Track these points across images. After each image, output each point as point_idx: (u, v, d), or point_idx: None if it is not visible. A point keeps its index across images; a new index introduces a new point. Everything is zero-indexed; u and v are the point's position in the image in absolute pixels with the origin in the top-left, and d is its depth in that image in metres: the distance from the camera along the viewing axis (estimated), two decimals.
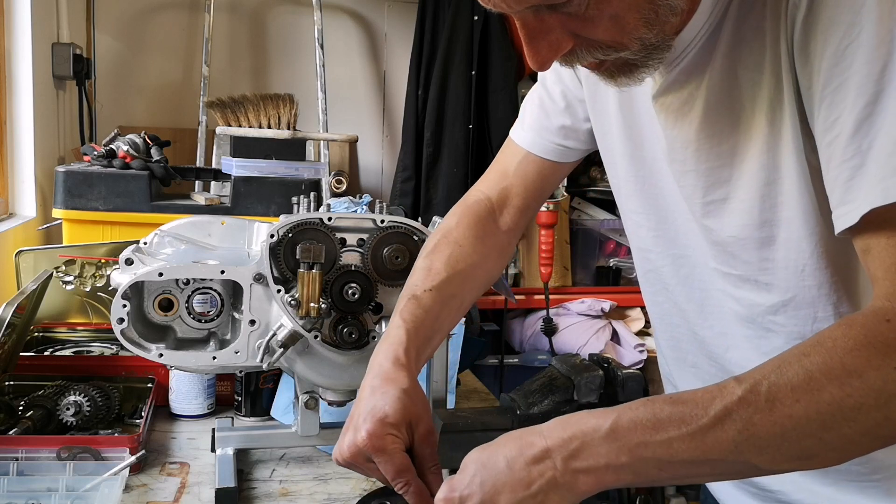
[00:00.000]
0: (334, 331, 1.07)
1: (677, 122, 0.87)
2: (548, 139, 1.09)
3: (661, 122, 0.89)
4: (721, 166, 0.85)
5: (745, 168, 0.83)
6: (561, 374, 1.15)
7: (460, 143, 2.81)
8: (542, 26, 0.74)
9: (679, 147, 0.88)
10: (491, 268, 1.08)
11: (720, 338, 0.95)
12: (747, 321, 0.90)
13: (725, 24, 0.81)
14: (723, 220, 0.87)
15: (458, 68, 2.80)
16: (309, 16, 2.86)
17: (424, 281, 0.99)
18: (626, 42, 0.75)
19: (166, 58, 3.03)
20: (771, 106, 0.79)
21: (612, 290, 2.98)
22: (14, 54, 2.17)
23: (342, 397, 1.16)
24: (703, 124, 0.85)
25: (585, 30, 0.74)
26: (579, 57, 0.77)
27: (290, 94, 2.04)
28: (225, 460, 1.17)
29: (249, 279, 1.07)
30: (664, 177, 0.93)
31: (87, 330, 1.62)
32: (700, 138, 0.86)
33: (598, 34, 0.74)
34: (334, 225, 1.06)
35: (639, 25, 0.74)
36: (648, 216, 0.99)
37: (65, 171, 1.81)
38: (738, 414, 0.67)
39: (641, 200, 0.99)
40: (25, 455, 1.10)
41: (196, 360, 1.09)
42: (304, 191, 1.83)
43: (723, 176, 0.85)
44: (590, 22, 0.73)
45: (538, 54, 0.75)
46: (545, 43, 0.75)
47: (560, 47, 0.75)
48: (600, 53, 0.76)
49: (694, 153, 0.87)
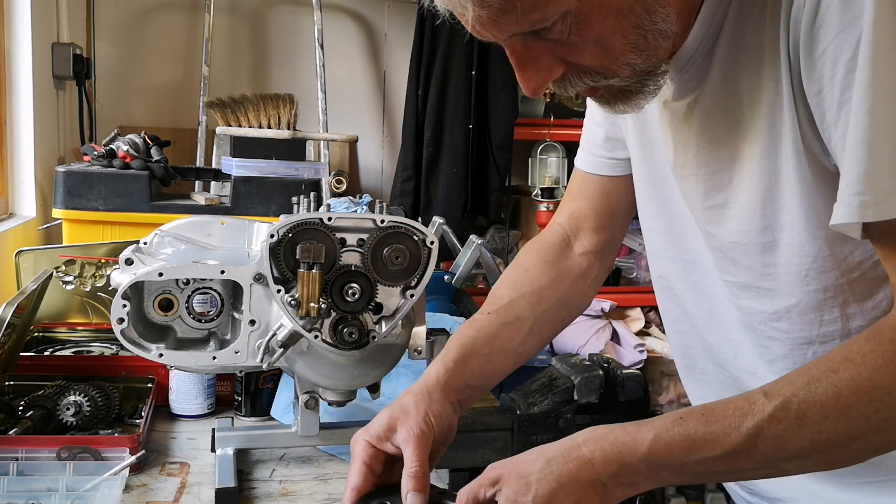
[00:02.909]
0: (334, 331, 1.07)
1: (680, 127, 0.87)
2: (597, 154, 1.08)
3: (667, 127, 0.89)
4: (720, 171, 0.84)
5: (744, 173, 0.82)
6: (561, 374, 1.15)
7: (460, 143, 2.81)
8: (531, 53, 0.74)
9: (681, 152, 0.88)
10: (567, 289, 1.08)
11: (727, 344, 0.95)
12: (749, 329, 0.90)
13: (724, 30, 0.80)
14: (723, 225, 0.86)
15: (458, 68, 2.80)
16: (309, 16, 2.86)
17: (485, 306, 1.04)
18: (614, 68, 0.75)
19: (166, 58, 3.03)
20: (770, 110, 0.78)
21: (612, 290, 2.99)
22: (14, 54, 2.17)
23: (342, 397, 1.16)
24: (702, 129, 0.85)
25: (573, 55, 0.74)
26: (571, 83, 0.77)
27: (290, 94, 2.04)
28: (225, 460, 1.17)
29: (249, 279, 1.07)
30: (672, 182, 0.93)
31: (87, 330, 1.62)
32: (700, 143, 0.85)
33: (585, 60, 0.74)
34: (334, 225, 1.06)
35: (626, 51, 0.74)
36: (659, 221, 0.99)
37: (65, 171, 1.81)
38: (769, 431, 0.71)
39: (653, 206, 0.99)
40: (25, 455, 1.10)
41: (196, 360, 1.09)
42: (304, 191, 1.83)
43: (722, 181, 0.84)
44: (575, 48, 0.73)
45: (529, 81, 0.76)
46: (534, 69, 0.75)
47: (550, 73, 0.75)
48: (590, 80, 0.77)
49: (694, 158, 0.86)
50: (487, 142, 2.87)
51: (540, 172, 2.85)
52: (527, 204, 3.01)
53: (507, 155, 2.86)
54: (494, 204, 2.91)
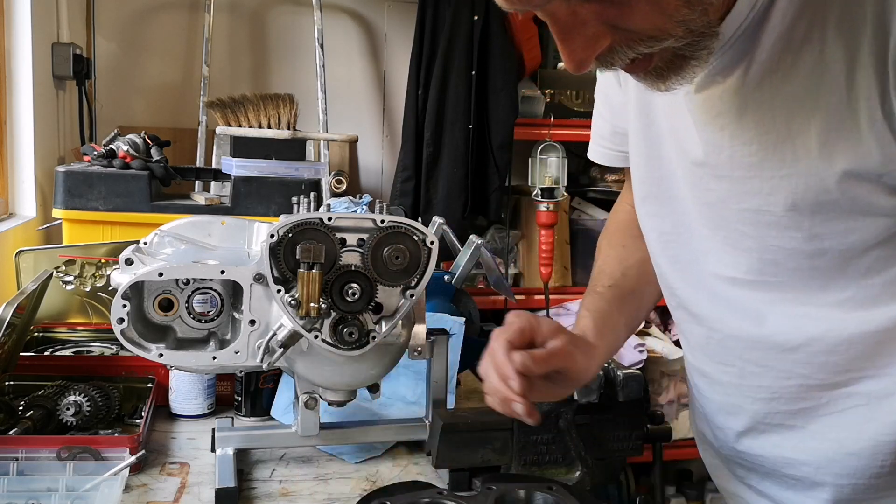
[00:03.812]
0: (334, 331, 1.07)
1: (714, 121, 0.83)
2: (607, 147, 1.09)
3: (695, 121, 0.85)
4: (757, 177, 0.81)
5: (785, 185, 0.79)
6: None
7: (460, 143, 2.81)
8: (576, 20, 0.68)
9: (713, 150, 0.84)
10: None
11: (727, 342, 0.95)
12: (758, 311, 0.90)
13: (772, 17, 0.76)
14: (761, 230, 0.84)
15: (458, 68, 2.80)
16: (309, 16, 2.86)
17: (601, 280, 1.08)
18: (668, 27, 0.69)
19: (166, 58, 3.03)
20: (836, 116, 0.74)
21: None
22: (14, 54, 2.17)
23: (342, 397, 1.16)
24: (738, 128, 0.80)
25: (623, 18, 0.68)
26: (619, 54, 0.71)
27: (290, 94, 2.04)
28: (225, 460, 1.17)
29: (249, 279, 1.07)
30: (678, 179, 0.91)
31: (87, 330, 1.62)
32: (734, 144, 0.82)
33: (637, 22, 0.68)
34: (334, 225, 1.06)
35: (679, 6, 0.68)
36: (658, 220, 0.98)
37: (65, 171, 1.81)
38: None
39: (652, 204, 0.97)
40: (25, 455, 1.10)
41: (196, 360, 1.09)
42: (304, 191, 1.83)
43: (765, 185, 0.81)
44: (627, 8, 0.67)
45: (574, 53, 0.69)
46: (581, 39, 0.68)
47: (597, 43, 0.69)
48: (643, 46, 0.70)
49: (728, 159, 0.83)
50: (487, 142, 2.87)
51: (540, 172, 2.85)
52: (527, 204, 3.01)
53: (507, 155, 2.86)
54: (494, 204, 2.90)
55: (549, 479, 1.06)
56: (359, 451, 1.27)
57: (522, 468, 1.12)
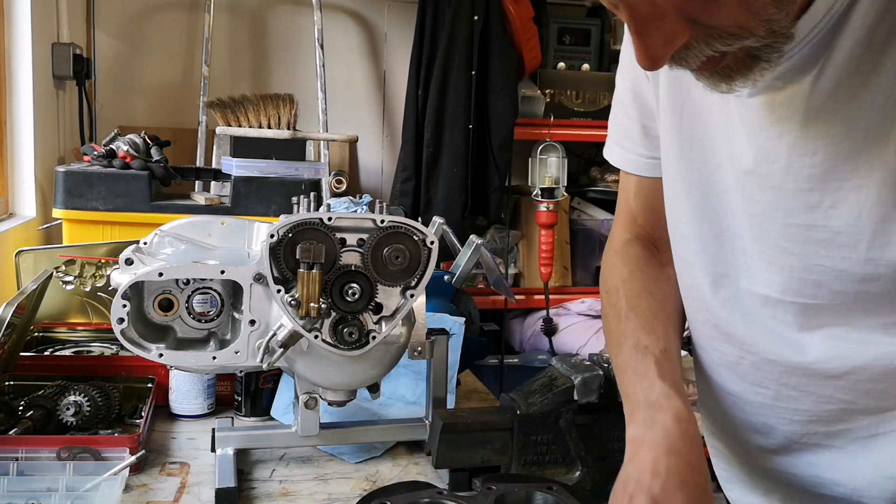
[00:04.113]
0: (334, 331, 1.07)
1: (770, 128, 0.77)
2: (637, 153, 1.01)
3: (746, 126, 0.80)
4: (818, 189, 0.76)
5: (855, 199, 0.74)
6: (561, 374, 1.15)
7: (460, 143, 2.81)
8: (655, 12, 0.64)
9: (765, 159, 0.79)
10: (679, 297, 1.00)
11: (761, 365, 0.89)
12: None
13: (852, 18, 0.71)
14: (808, 247, 0.79)
15: (458, 68, 2.80)
16: (309, 16, 2.86)
17: (654, 342, 0.93)
18: (752, 25, 0.65)
19: (166, 58, 3.03)
20: None
21: None
22: (14, 54, 2.18)
23: (342, 397, 1.16)
24: (801, 136, 0.75)
25: (706, 13, 0.64)
26: (695, 51, 0.67)
27: (290, 94, 2.04)
28: (225, 460, 1.17)
29: (249, 279, 1.07)
30: (720, 186, 0.86)
31: (87, 330, 1.62)
32: (793, 154, 0.76)
33: (720, 18, 0.64)
34: (334, 225, 1.06)
35: (767, 4, 0.64)
36: (692, 227, 0.91)
37: (65, 171, 1.81)
38: None
39: (687, 210, 0.91)
40: (25, 455, 1.10)
41: (196, 360, 1.09)
42: (304, 191, 1.83)
43: (823, 200, 0.76)
44: (714, 2, 0.64)
45: (650, 49, 0.65)
46: (658, 34, 0.65)
47: (675, 39, 0.65)
48: (721, 44, 0.66)
49: (783, 169, 0.78)
50: (487, 142, 2.87)
51: (540, 172, 2.85)
52: (527, 204, 3.01)
53: (507, 155, 2.86)
54: (494, 204, 2.91)
55: (549, 479, 1.06)
56: (359, 451, 1.27)
57: (522, 468, 1.12)
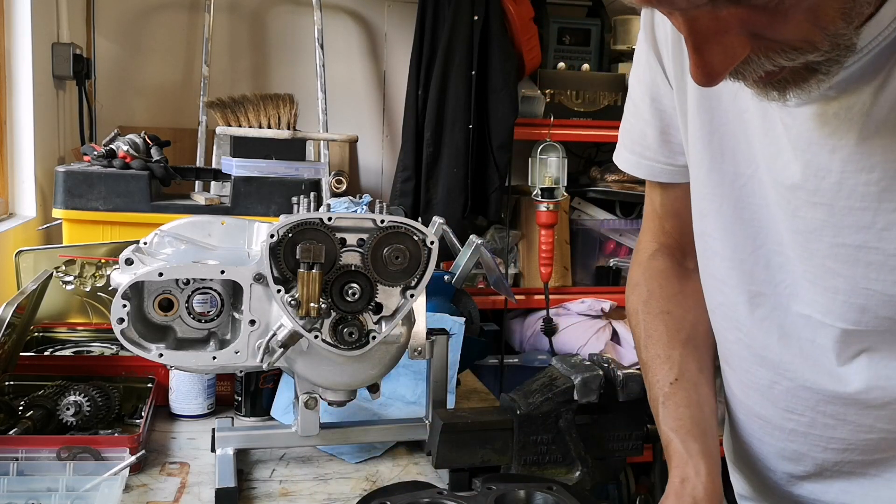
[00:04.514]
0: (334, 331, 1.07)
1: (822, 141, 0.73)
2: (652, 159, 0.97)
3: (792, 138, 0.75)
4: (871, 208, 0.72)
5: None
6: (561, 374, 1.15)
7: (460, 143, 2.81)
8: (718, 26, 0.60)
9: (814, 174, 0.74)
10: (703, 309, 0.97)
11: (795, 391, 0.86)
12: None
13: None
14: (857, 269, 0.75)
15: (458, 68, 2.80)
16: (309, 16, 2.86)
17: (664, 374, 0.93)
18: (817, 41, 0.61)
19: (166, 58, 3.03)
20: None
21: (612, 290, 2.98)
22: (14, 54, 2.17)
23: (342, 397, 1.16)
24: (857, 151, 0.71)
25: (772, 28, 0.60)
26: (754, 66, 0.63)
27: (290, 94, 2.04)
28: (225, 460, 1.17)
29: (249, 279, 1.07)
30: (755, 198, 0.82)
31: (87, 330, 1.62)
32: (846, 170, 0.72)
33: (786, 32, 0.60)
34: (334, 225, 1.06)
35: (836, 18, 0.60)
36: (724, 243, 0.87)
37: (65, 171, 1.81)
38: None
39: (719, 224, 0.87)
40: (25, 455, 1.10)
41: (196, 360, 1.09)
42: (304, 191, 1.83)
43: (878, 221, 0.72)
44: (781, 16, 0.59)
45: (709, 65, 0.61)
46: (719, 49, 0.60)
47: (736, 54, 0.61)
48: (783, 59, 0.62)
49: (834, 185, 0.73)
50: (487, 142, 2.87)
51: (540, 172, 2.85)
52: (527, 204, 3.01)
53: (507, 155, 2.86)
54: (494, 204, 2.90)
55: (549, 479, 1.06)
56: (359, 451, 1.27)
57: (522, 468, 1.12)
